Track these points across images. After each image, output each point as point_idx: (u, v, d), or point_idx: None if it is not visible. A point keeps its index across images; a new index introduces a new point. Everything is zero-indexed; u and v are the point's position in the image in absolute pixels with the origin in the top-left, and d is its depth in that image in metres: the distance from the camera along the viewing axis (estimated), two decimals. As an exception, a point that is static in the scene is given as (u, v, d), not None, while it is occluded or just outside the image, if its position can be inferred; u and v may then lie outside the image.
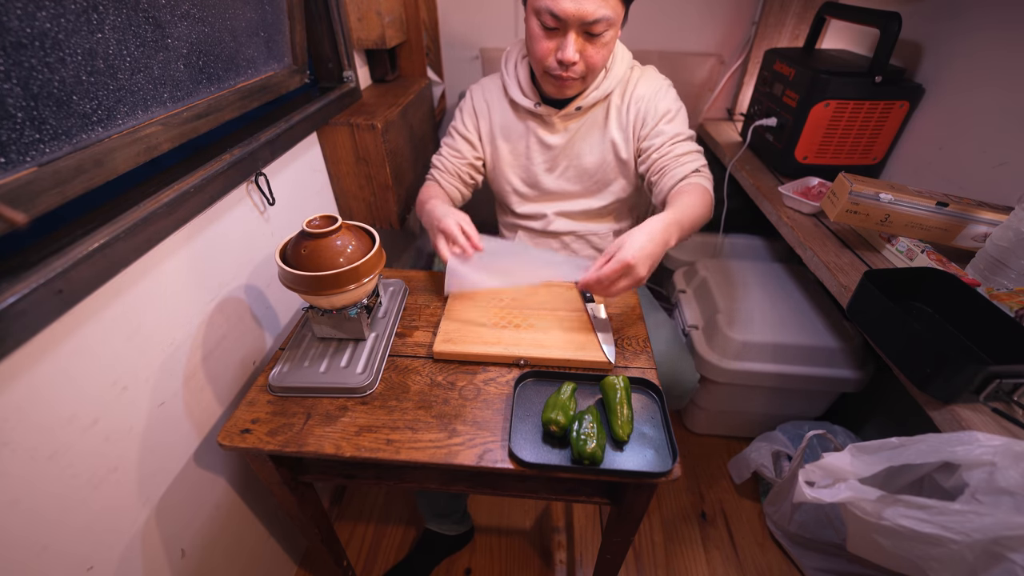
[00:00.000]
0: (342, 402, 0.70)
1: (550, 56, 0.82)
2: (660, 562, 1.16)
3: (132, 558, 0.65)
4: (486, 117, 1.01)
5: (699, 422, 1.41)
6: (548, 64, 0.83)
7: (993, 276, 0.75)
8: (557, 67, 0.83)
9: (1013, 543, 0.50)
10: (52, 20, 0.49)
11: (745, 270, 1.36)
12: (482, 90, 1.02)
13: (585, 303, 0.85)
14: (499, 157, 1.02)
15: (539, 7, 0.78)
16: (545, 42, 0.81)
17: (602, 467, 0.61)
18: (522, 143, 0.99)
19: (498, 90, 1.00)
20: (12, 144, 0.47)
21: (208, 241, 0.73)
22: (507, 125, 0.99)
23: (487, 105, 1.00)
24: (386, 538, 1.19)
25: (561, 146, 0.97)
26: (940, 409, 0.65)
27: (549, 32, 0.80)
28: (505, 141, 1.00)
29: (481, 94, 1.01)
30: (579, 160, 0.98)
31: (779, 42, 1.37)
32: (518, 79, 0.96)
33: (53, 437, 0.52)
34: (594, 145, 0.97)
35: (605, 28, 0.79)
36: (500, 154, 1.01)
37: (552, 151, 0.98)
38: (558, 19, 0.77)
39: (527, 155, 1.00)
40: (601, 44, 0.81)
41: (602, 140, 0.96)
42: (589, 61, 0.83)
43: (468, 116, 1.02)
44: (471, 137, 1.02)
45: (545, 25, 0.79)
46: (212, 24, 0.72)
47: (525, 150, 1.00)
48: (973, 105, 0.94)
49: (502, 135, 1.00)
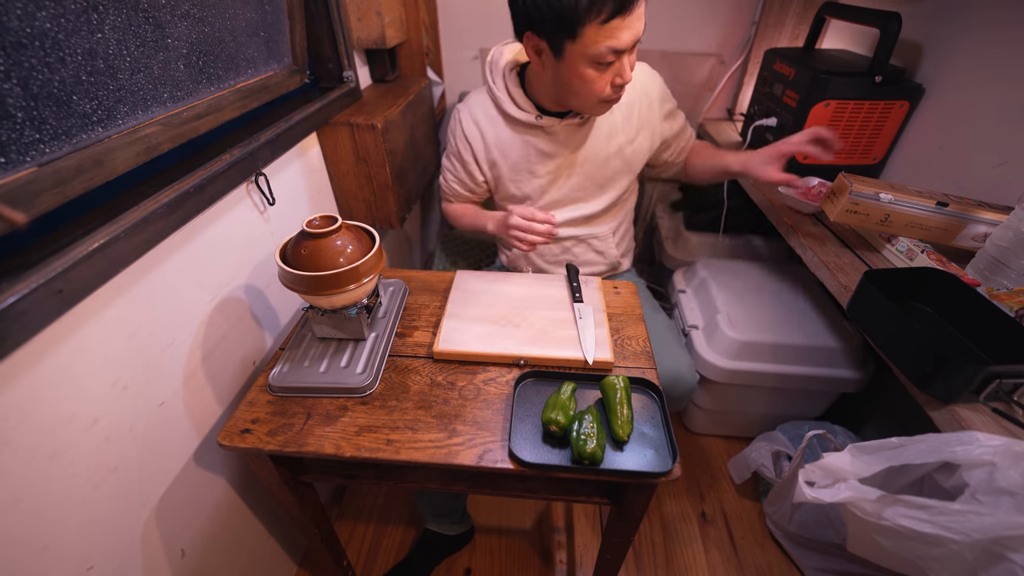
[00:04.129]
0: (342, 402, 0.70)
1: (607, 87, 0.80)
2: (660, 562, 1.16)
3: (132, 558, 0.65)
4: (479, 140, 0.98)
5: (699, 422, 1.41)
6: (607, 94, 0.81)
7: (993, 276, 0.75)
8: (614, 92, 0.82)
9: (1013, 543, 0.50)
10: (52, 20, 0.49)
11: (745, 270, 1.36)
12: (469, 111, 0.98)
13: (573, 303, 0.85)
14: (499, 175, 1.01)
15: (599, 52, 0.74)
16: (601, 79, 0.79)
17: (602, 467, 0.61)
18: (522, 157, 0.98)
19: (487, 107, 0.97)
20: (12, 144, 0.47)
21: (208, 241, 0.73)
22: (502, 141, 0.97)
23: (477, 127, 0.98)
24: (386, 538, 1.19)
25: (565, 154, 0.97)
26: (940, 409, 0.65)
27: (604, 67, 0.77)
28: (503, 158, 0.98)
29: (469, 116, 0.98)
30: (585, 165, 0.98)
31: (779, 42, 1.37)
32: (510, 94, 0.93)
33: (54, 437, 0.52)
34: (599, 147, 0.97)
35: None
36: (500, 171, 1.00)
37: (555, 160, 0.97)
38: (618, 52, 0.75)
39: (528, 169, 0.98)
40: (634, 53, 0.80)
41: (607, 142, 0.96)
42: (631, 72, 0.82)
43: (461, 143, 1.00)
44: (469, 164, 1.01)
45: (603, 63, 0.76)
46: (212, 24, 0.72)
47: (526, 164, 0.98)
48: (973, 105, 0.94)
49: (499, 152, 0.98)
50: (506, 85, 0.93)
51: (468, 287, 0.89)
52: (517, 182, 1.01)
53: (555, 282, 0.91)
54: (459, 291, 0.88)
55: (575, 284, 0.88)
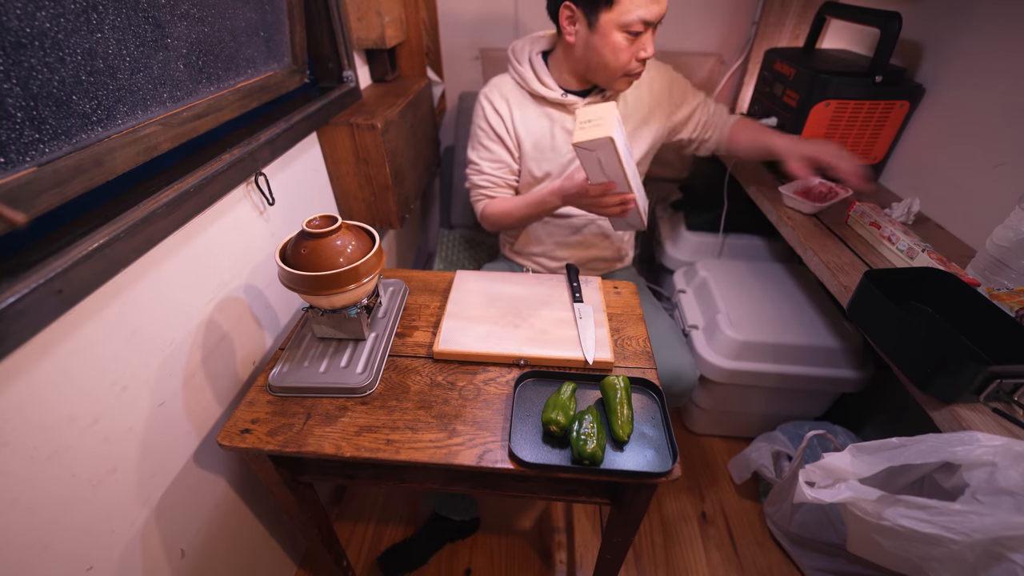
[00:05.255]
0: (342, 402, 0.70)
1: (632, 60, 0.88)
2: (660, 562, 1.16)
3: (132, 558, 0.65)
4: (508, 114, 1.01)
5: (699, 422, 1.41)
6: (632, 66, 0.89)
7: (993, 276, 0.75)
8: (639, 65, 0.89)
9: (1013, 543, 0.50)
10: (52, 20, 0.49)
11: (745, 270, 1.36)
12: (497, 89, 1.03)
13: (573, 303, 0.85)
14: (523, 153, 1.03)
15: (629, 20, 0.83)
16: (629, 49, 0.87)
17: (602, 467, 0.61)
18: (545, 135, 1.01)
19: (513, 87, 1.02)
20: (12, 144, 0.47)
21: (208, 241, 0.73)
22: (527, 120, 1.01)
23: (507, 102, 1.01)
24: (386, 538, 1.19)
25: None
26: (940, 409, 0.65)
27: (633, 38, 0.86)
28: (527, 135, 1.02)
29: (498, 93, 1.02)
30: None
31: (779, 42, 1.37)
32: (536, 73, 0.98)
33: (53, 437, 0.52)
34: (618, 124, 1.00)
35: None
36: (524, 149, 1.03)
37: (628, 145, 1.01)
38: (647, 23, 0.84)
39: (552, 147, 1.01)
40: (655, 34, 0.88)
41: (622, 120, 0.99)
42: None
43: (493, 118, 1.02)
44: (504, 138, 1.02)
45: (632, 32, 0.85)
46: (212, 24, 0.72)
47: (550, 141, 1.01)
48: (973, 105, 0.94)
49: (524, 129, 1.02)
50: (532, 66, 0.99)
51: (468, 287, 0.89)
52: (538, 160, 1.03)
53: (555, 282, 0.91)
54: (459, 291, 0.88)
55: (575, 284, 0.88)
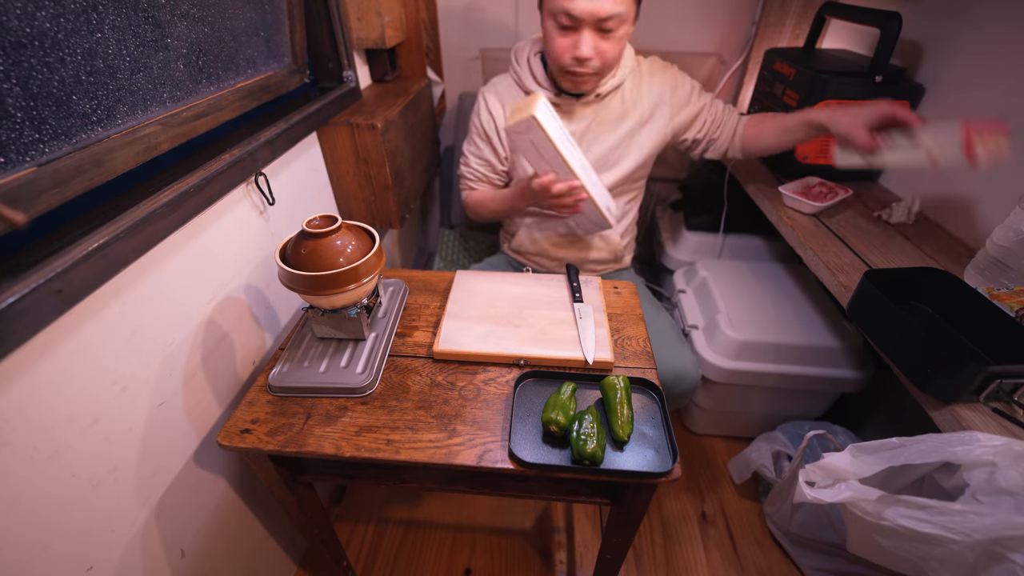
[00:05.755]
0: (342, 402, 0.70)
1: (567, 54, 0.86)
2: (660, 562, 1.16)
3: (132, 558, 0.65)
4: (500, 116, 1.04)
5: (699, 422, 1.41)
6: (565, 62, 0.87)
7: (993, 276, 0.75)
8: (574, 64, 0.87)
9: (1013, 543, 0.50)
10: (52, 20, 0.49)
11: (745, 270, 1.36)
12: (494, 89, 1.05)
13: (573, 303, 0.85)
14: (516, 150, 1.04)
15: (554, 8, 0.82)
16: (562, 40, 0.85)
17: (602, 467, 0.61)
18: None
19: (511, 87, 1.04)
20: (12, 144, 0.47)
21: (208, 241, 0.73)
22: None
23: (500, 103, 1.04)
24: (386, 538, 1.19)
25: (580, 132, 1.01)
26: (940, 409, 0.65)
27: (565, 30, 0.84)
28: None
29: (494, 93, 1.05)
30: (596, 144, 1.02)
31: (779, 42, 1.37)
32: (532, 73, 0.99)
33: (53, 437, 0.52)
34: (612, 127, 1.01)
35: (618, 24, 0.82)
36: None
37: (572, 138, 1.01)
38: (573, 18, 0.81)
39: None
40: (615, 40, 0.85)
41: (619, 123, 1.00)
42: (604, 57, 0.86)
43: (485, 120, 1.05)
44: (493, 139, 1.05)
45: (561, 24, 0.83)
46: (212, 24, 0.72)
47: None
48: (974, 105, 0.94)
49: None
50: (529, 66, 1.00)
51: (468, 287, 0.89)
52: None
53: (555, 282, 0.91)
54: (459, 291, 0.88)
55: (575, 284, 0.88)
